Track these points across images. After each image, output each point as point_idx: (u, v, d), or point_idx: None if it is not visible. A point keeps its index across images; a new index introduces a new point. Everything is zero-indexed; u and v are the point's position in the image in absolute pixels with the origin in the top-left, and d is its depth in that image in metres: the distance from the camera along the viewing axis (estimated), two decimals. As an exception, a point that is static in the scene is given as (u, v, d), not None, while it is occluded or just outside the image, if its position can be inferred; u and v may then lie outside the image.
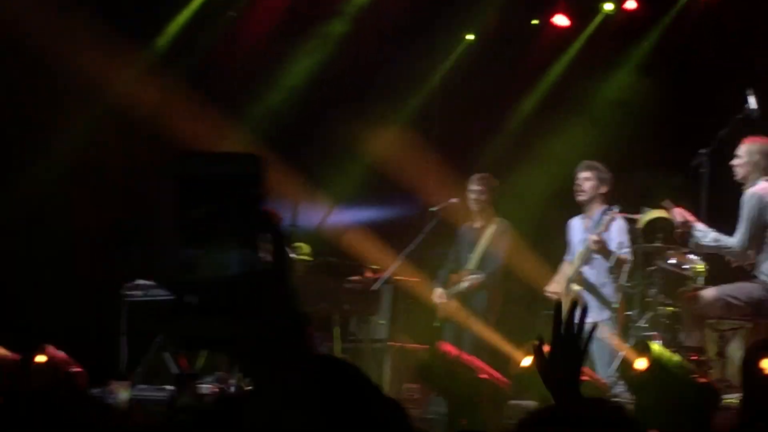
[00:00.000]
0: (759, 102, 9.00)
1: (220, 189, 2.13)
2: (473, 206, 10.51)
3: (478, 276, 10.33)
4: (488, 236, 10.47)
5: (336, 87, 12.75)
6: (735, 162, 8.64)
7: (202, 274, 2.09)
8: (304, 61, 12.96)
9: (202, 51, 12.56)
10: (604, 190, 9.76)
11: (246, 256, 2.11)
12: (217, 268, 2.09)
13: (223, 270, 2.09)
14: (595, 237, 9.42)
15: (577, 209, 10.06)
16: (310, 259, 11.33)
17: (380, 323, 11.32)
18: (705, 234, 8.52)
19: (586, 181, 9.78)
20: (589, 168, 9.80)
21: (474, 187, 10.50)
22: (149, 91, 11.54)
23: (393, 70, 12.99)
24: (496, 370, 8.31)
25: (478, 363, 8.23)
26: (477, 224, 10.61)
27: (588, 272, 9.69)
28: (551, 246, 10.53)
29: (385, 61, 12.98)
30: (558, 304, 3.31)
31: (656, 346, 6.86)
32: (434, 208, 10.66)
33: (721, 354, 8.52)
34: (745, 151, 8.59)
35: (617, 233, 9.55)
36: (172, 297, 2.08)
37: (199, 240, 2.11)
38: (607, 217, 9.40)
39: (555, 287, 9.89)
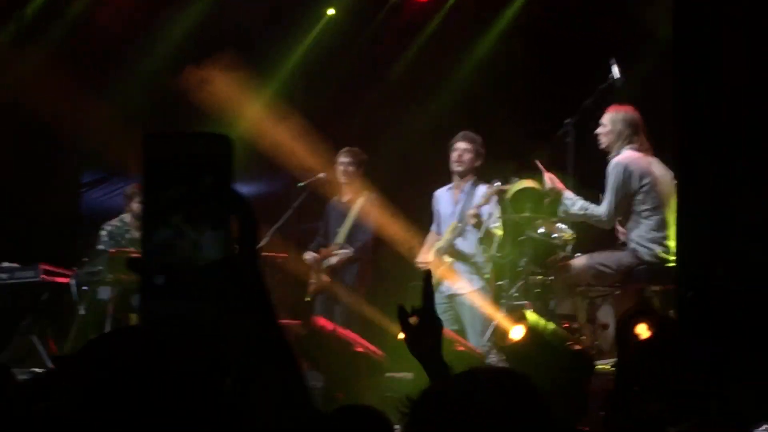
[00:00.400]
0: (622, 71, 9.13)
1: (190, 170, 2.09)
2: (342, 179, 10.50)
3: (348, 250, 10.33)
4: (357, 210, 10.47)
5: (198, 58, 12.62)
6: (599, 131, 8.75)
7: (175, 256, 2.04)
8: (174, 31, 12.76)
9: (69, 21, 12.30)
10: (479, 163, 9.82)
11: (219, 238, 2.07)
12: (191, 250, 2.05)
13: (197, 252, 2.05)
14: (473, 211, 9.47)
15: (442, 180, 10.11)
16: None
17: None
18: (573, 202, 8.64)
19: (466, 152, 9.80)
20: (468, 139, 9.80)
21: (342, 159, 10.49)
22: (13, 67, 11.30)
23: (257, 44, 12.90)
24: (371, 342, 8.32)
25: (353, 336, 8.24)
26: (345, 198, 10.60)
27: (460, 244, 9.75)
28: (418, 216, 10.58)
29: (252, 35, 12.88)
30: (427, 274, 3.34)
31: (531, 315, 6.91)
32: (302, 183, 10.62)
33: (592, 321, 8.66)
34: (609, 120, 8.70)
35: (490, 205, 9.63)
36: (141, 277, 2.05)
37: (171, 222, 2.06)
38: (490, 191, 9.44)
39: (425, 257, 9.94)
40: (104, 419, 2.07)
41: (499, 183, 9.36)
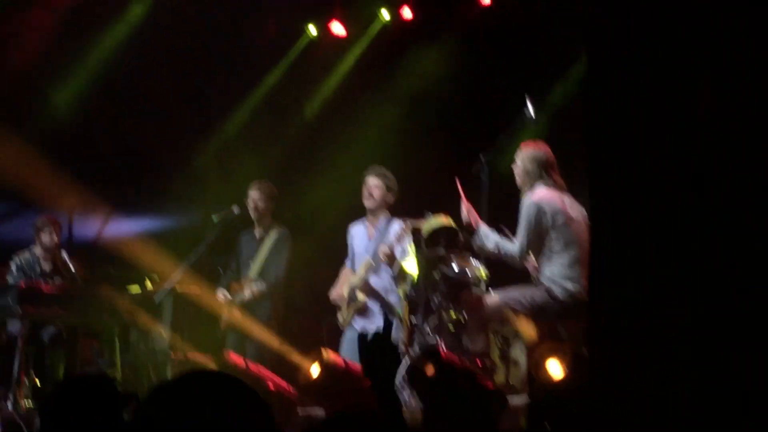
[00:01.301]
0: (535, 107, 9.15)
1: None
2: (252, 214, 10.45)
3: (260, 285, 10.26)
4: (269, 245, 10.42)
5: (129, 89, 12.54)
6: (513, 168, 8.78)
7: None
8: (87, 65, 12.64)
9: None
10: (391, 199, 9.84)
11: None
12: None
13: None
14: (386, 249, 9.46)
15: (356, 214, 10.10)
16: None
17: (161, 334, 11.16)
18: (487, 237, 8.64)
19: (376, 188, 9.82)
20: (378, 175, 9.84)
21: (253, 194, 10.45)
22: None
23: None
24: (283, 379, 8.25)
25: (265, 373, 8.17)
26: (257, 232, 10.56)
27: (373, 280, 9.73)
28: (331, 250, 10.56)
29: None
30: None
31: (443, 352, 6.90)
32: (216, 217, 10.53)
33: (505, 358, 8.64)
34: (520, 158, 8.73)
35: (402, 243, 9.62)
36: None
37: None
38: (400, 231, 9.43)
39: (337, 294, 9.90)
40: None
41: (410, 222, 9.35)
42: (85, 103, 12.49)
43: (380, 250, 9.50)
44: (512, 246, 8.57)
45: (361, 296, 9.67)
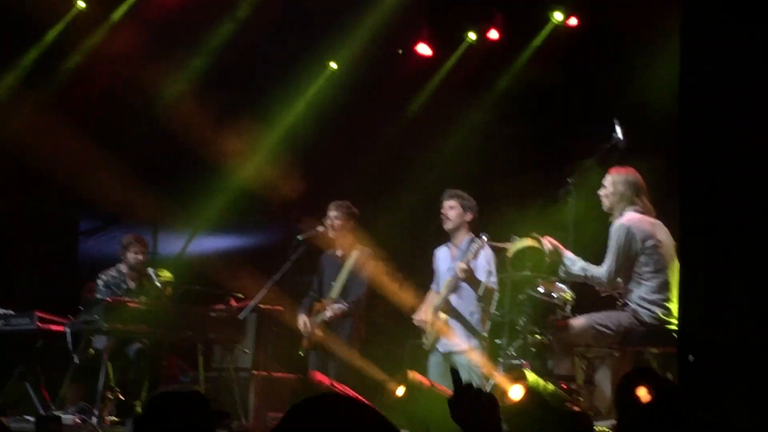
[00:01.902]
0: (624, 131, 9.10)
1: None
2: (330, 233, 10.48)
3: (342, 305, 10.27)
4: (350, 264, 10.44)
5: (202, 110, 12.61)
6: (601, 192, 8.73)
7: None
8: (175, 84, 12.76)
9: (70, 69, 12.31)
10: (469, 218, 9.83)
11: None
12: None
13: None
14: (463, 265, 9.44)
15: (443, 238, 10.10)
16: (171, 283, 11.12)
17: (245, 352, 11.22)
18: (573, 263, 8.60)
19: (451, 209, 9.83)
20: (452, 196, 9.85)
21: (331, 213, 10.48)
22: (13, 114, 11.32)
23: (260, 96, 12.91)
24: (366, 398, 8.26)
25: (350, 393, 8.17)
26: (339, 252, 10.58)
27: (455, 301, 9.71)
28: (418, 274, 10.53)
29: (252, 86, 12.89)
30: (456, 372, 3.40)
31: (531, 375, 6.87)
32: (301, 236, 10.57)
33: (590, 382, 8.58)
34: (611, 182, 8.69)
35: (485, 262, 9.60)
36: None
37: None
38: (475, 245, 9.44)
39: (422, 316, 9.89)
40: None
41: (485, 236, 9.35)
42: (177, 120, 12.60)
43: (458, 266, 9.49)
44: (600, 270, 8.52)
45: (442, 316, 9.66)
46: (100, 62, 12.43)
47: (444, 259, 10.00)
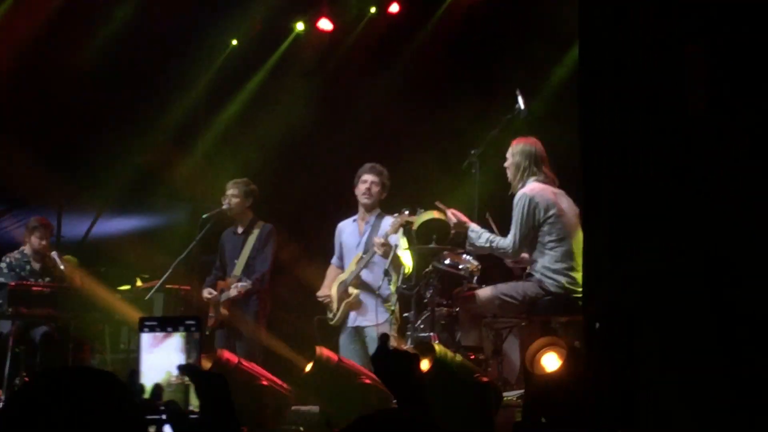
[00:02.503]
0: (526, 101, 9.14)
1: None
2: (229, 211, 10.43)
3: (245, 283, 10.21)
4: (252, 241, 10.40)
5: (105, 93, 12.45)
6: (505, 164, 8.78)
7: None
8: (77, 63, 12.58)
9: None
10: (384, 195, 9.84)
11: None
12: None
13: None
14: (381, 240, 9.44)
15: (343, 212, 10.10)
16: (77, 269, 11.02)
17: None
18: (479, 235, 8.62)
19: (374, 185, 9.79)
20: (376, 172, 9.81)
21: (229, 192, 10.44)
22: None
23: (160, 76, 12.78)
24: (275, 375, 8.24)
25: (257, 369, 8.15)
26: (239, 229, 10.54)
27: (366, 275, 9.71)
28: (318, 248, 10.55)
29: (152, 67, 12.75)
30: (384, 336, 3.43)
31: (438, 347, 6.88)
32: (205, 215, 10.51)
33: (498, 352, 8.63)
34: (511, 153, 8.71)
35: (395, 235, 9.61)
36: None
37: None
38: (398, 221, 9.42)
39: (326, 291, 9.88)
40: None
41: (407, 212, 9.33)
42: (79, 100, 12.43)
43: (376, 241, 9.48)
44: (505, 240, 8.56)
45: (353, 291, 9.65)
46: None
47: (351, 233, 9.98)
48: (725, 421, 4.76)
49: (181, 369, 2.78)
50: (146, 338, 2.89)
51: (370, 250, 9.57)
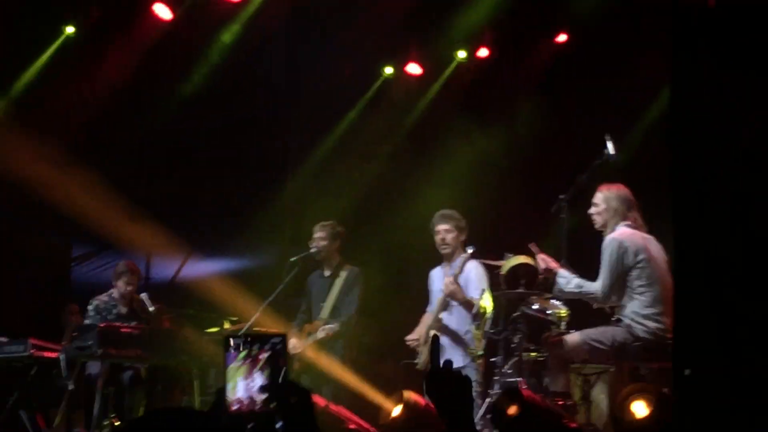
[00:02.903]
0: (616, 147, 9.10)
1: None
2: (316, 254, 10.46)
3: (333, 325, 10.23)
4: (339, 284, 10.41)
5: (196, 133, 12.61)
6: (592, 210, 8.72)
7: None
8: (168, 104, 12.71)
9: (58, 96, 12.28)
10: (463, 238, 9.82)
11: None
12: None
13: None
14: (449, 279, 9.44)
15: (437, 258, 10.09)
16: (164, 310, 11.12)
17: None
18: (568, 280, 8.59)
19: (448, 233, 9.79)
20: (446, 219, 9.81)
21: (316, 234, 10.47)
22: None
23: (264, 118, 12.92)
24: (362, 418, 8.24)
25: (346, 413, 8.16)
26: (327, 272, 10.56)
27: (448, 319, 9.69)
28: (412, 296, 10.52)
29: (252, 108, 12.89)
30: (435, 337, 3.36)
31: (527, 392, 6.84)
32: (294, 258, 10.56)
33: (586, 398, 8.57)
34: (602, 199, 8.68)
35: (476, 279, 9.58)
36: None
37: None
38: (461, 259, 9.44)
39: (415, 336, 9.87)
40: None
41: (472, 248, 9.35)
42: (163, 144, 12.60)
43: (444, 282, 9.49)
44: (594, 285, 8.51)
45: (433, 333, 9.62)
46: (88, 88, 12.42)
47: (438, 279, 9.98)
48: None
49: (264, 389, 2.78)
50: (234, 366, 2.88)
51: (442, 291, 9.57)
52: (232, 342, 2.82)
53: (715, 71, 5.09)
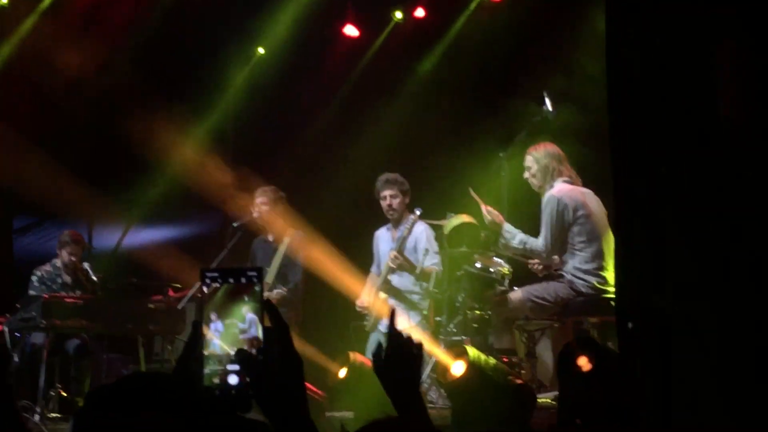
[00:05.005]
0: (554, 103, 9.14)
1: None
2: (258, 220, 10.41)
3: (279, 290, 10.20)
4: (283, 248, 10.36)
5: (129, 102, 12.47)
6: (526, 175, 8.77)
7: None
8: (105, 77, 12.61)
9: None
10: (407, 200, 9.84)
11: None
12: None
13: None
14: (393, 254, 9.48)
15: (382, 219, 10.10)
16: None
17: (185, 342, 11.12)
18: (513, 235, 8.65)
19: (393, 198, 9.80)
20: (390, 184, 9.81)
21: (257, 200, 10.41)
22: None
23: (187, 86, 12.81)
24: (309, 382, 8.24)
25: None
26: (270, 237, 10.52)
27: (396, 280, 9.72)
28: (357, 256, 10.52)
29: (178, 76, 12.79)
30: (392, 312, 3.33)
31: (472, 350, 6.89)
32: (237, 223, 10.51)
33: (531, 354, 8.64)
34: (532, 161, 8.73)
35: (425, 241, 9.61)
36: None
37: None
38: (409, 222, 9.46)
39: (365, 301, 9.87)
40: None
41: (418, 211, 9.38)
42: (106, 111, 12.46)
43: (390, 255, 9.52)
44: (538, 242, 8.57)
45: (383, 296, 9.66)
46: (27, 56, 12.24)
47: (385, 240, 10.01)
48: (762, 418, 4.74)
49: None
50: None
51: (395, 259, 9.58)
52: (207, 275, 2.73)
53: (650, 23, 5.11)
